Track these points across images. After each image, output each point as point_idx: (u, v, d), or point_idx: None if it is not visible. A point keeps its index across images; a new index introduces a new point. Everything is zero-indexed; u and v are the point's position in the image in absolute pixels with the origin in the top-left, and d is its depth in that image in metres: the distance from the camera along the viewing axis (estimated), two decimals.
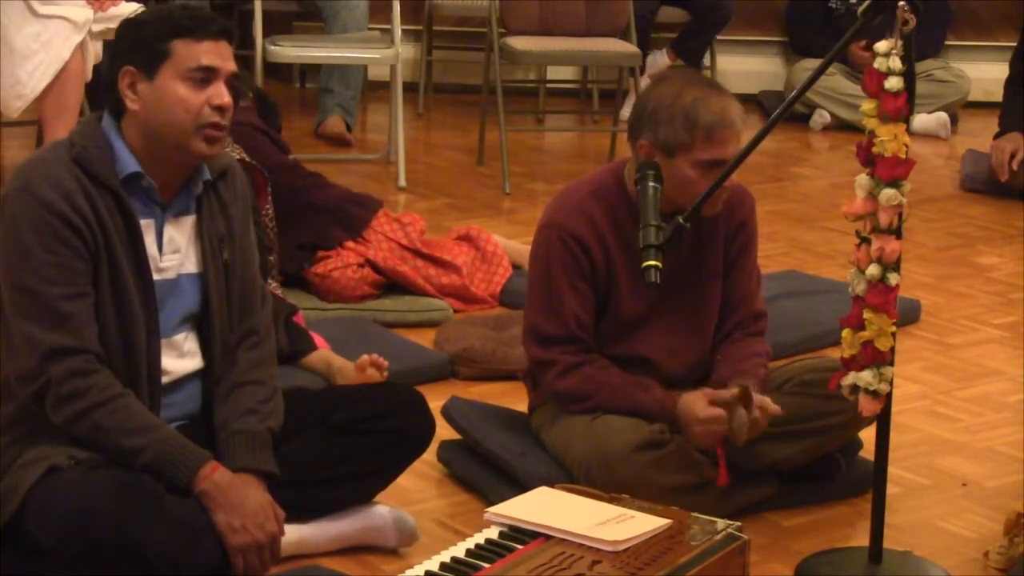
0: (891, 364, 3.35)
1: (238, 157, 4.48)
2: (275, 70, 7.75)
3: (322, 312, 4.92)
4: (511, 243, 5.41)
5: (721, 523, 3.17)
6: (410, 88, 7.69)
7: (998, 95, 7.01)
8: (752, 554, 3.20)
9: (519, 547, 3.07)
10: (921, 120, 7.73)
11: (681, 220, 3.46)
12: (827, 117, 7.86)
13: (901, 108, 3.24)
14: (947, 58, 8.28)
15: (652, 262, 3.43)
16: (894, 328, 3.32)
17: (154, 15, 3.27)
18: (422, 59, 8.02)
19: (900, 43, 3.24)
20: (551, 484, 3.40)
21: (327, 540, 3.49)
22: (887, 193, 3.27)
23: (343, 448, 3.44)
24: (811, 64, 7.54)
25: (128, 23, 3.29)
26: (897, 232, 3.31)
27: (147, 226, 3.24)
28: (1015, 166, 6.65)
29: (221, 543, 3.17)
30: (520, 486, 3.64)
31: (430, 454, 3.75)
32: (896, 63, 3.24)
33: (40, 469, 3.13)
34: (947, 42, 8.34)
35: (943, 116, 7.86)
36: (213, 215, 3.33)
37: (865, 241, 3.33)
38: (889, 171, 3.27)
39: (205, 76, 3.20)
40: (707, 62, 8.11)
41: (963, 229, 6.36)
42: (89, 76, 5.74)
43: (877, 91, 3.25)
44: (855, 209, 3.33)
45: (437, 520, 3.73)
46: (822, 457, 3.86)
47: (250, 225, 3.44)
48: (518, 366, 4.19)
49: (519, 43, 6.75)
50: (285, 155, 5.18)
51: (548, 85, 8.20)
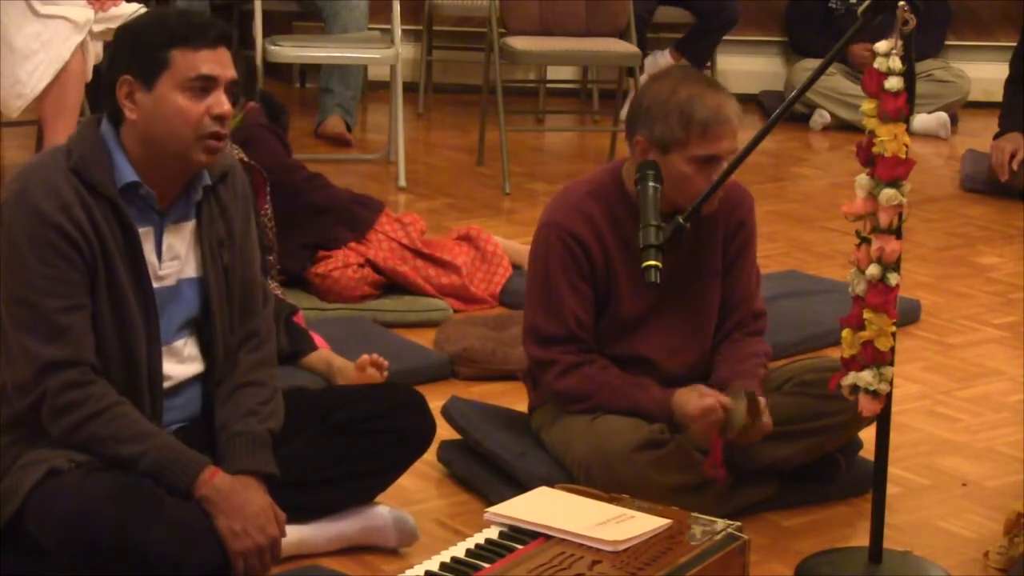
0: (891, 364, 3.35)
1: (238, 157, 4.47)
2: (275, 70, 7.75)
3: (322, 312, 4.92)
4: (511, 243, 5.42)
5: (721, 523, 3.17)
6: (410, 88, 7.69)
7: (998, 95, 7.01)
8: (752, 554, 3.20)
9: (519, 547, 3.08)
10: (921, 120, 7.73)
11: (681, 220, 3.46)
12: (827, 117, 7.86)
13: (901, 108, 3.24)
14: (947, 58, 8.28)
15: (652, 262, 3.43)
16: (894, 328, 3.32)
17: (151, 22, 3.22)
18: (422, 59, 8.02)
19: (900, 43, 3.24)
20: (551, 484, 3.40)
21: (327, 540, 3.49)
22: (887, 193, 3.27)
23: (343, 448, 3.44)
24: (811, 64, 7.54)
25: (124, 31, 3.25)
26: (897, 232, 3.31)
27: (146, 234, 3.22)
28: (1015, 166, 6.65)
29: (220, 544, 3.16)
30: (520, 486, 3.64)
31: (430, 454, 3.75)
32: (896, 63, 3.24)
33: (40, 471, 3.12)
34: (947, 42, 8.34)
35: (943, 116, 7.86)
36: (213, 219, 3.31)
37: (865, 241, 3.33)
38: (889, 171, 3.27)
39: (204, 85, 3.16)
40: (707, 62, 8.11)
41: (963, 229, 6.36)
42: (89, 76, 5.74)
43: (877, 91, 3.25)
44: (855, 209, 3.33)
45: (437, 520, 3.73)
46: (822, 457, 3.86)
47: (251, 225, 3.42)
48: (518, 366, 4.19)
49: (519, 43, 6.75)
50: (290, 155, 5.19)
51: (548, 85, 8.20)
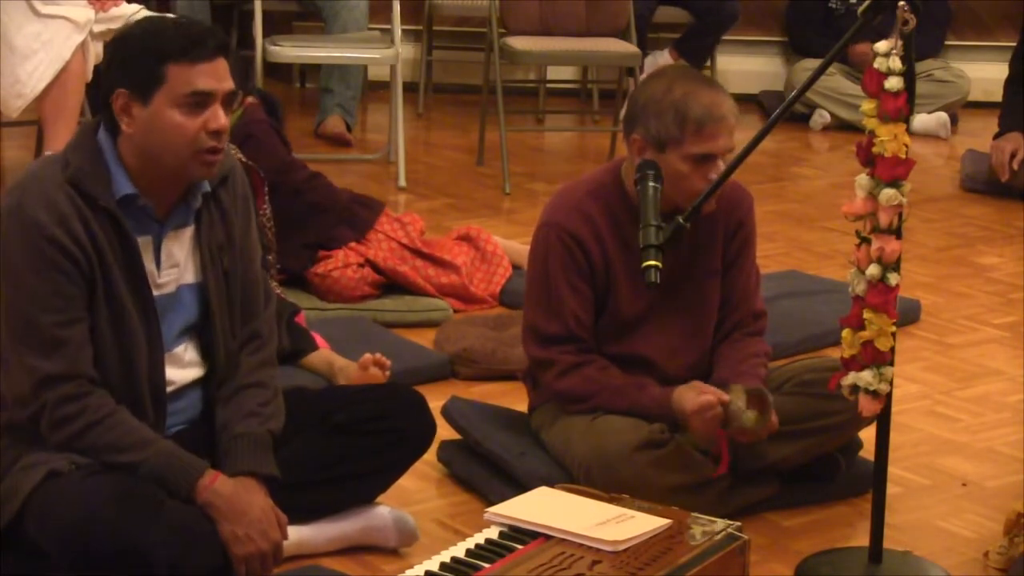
0: (891, 364, 3.35)
1: (236, 157, 4.47)
2: (275, 70, 7.75)
3: (322, 312, 4.92)
4: (511, 243, 5.42)
5: (721, 523, 3.17)
6: (410, 88, 7.68)
7: (998, 95, 7.01)
8: (752, 554, 3.20)
9: (519, 547, 3.08)
10: (921, 120, 7.73)
11: (681, 220, 3.46)
12: (827, 117, 7.86)
13: (901, 108, 3.24)
14: (947, 58, 8.28)
15: (652, 262, 3.43)
16: (894, 328, 3.32)
17: (146, 35, 3.15)
18: (422, 59, 8.02)
19: (900, 43, 3.24)
20: (551, 484, 3.40)
21: (327, 540, 3.49)
22: (887, 193, 3.28)
23: (343, 449, 3.43)
24: (811, 64, 7.54)
25: (119, 43, 3.19)
26: (897, 232, 3.31)
27: (144, 243, 3.20)
28: (1015, 166, 6.66)
29: (221, 547, 3.16)
30: (520, 486, 3.64)
31: (430, 454, 3.75)
32: (896, 63, 3.24)
33: (40, 473, 3.12)
34: (947, 42, 8.34)
35: (943, 116, 7.86)
36: (213, 224, 3.29)
37: (865, 241, 3.33)
38: (889, 171, 3.27)
39: (201, 101, 3.12)
40: (707, 62, 8.11)
41: (963, 229, 6.36)
42: (90, 76, 5.74)
43: (877, 91, 3.25)
44: (855, 209, 3.33)
45: (437, 520, 3.73)
46: (822, 457, 3.86)
47: (251, 225, 3.40)
48: (518, 366, 4.19)
49: (519, 43, 6.75)
50: (290, 153, 5.19)
51: (548, 85, 8.19)
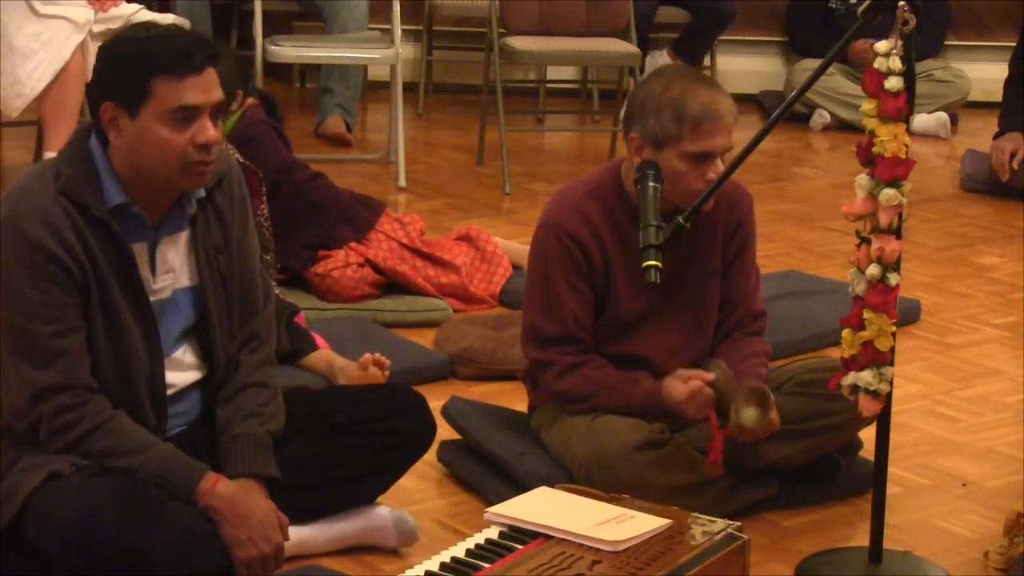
0: (891, 364, 3.35)
1: (234, 157, 4.47)
2: (275, 70, 7.74)
3: (322, 312, 4.92)
4: (510, 243, 5.42)
5: (721, 523, 3.17)
6: (410, 88, 7.68)
7: (998, 95, 7.01)
8: (752, 554, 3.20)
9: (519, 547, 3.07)
10: (921, 120, 7.73)
11: (681, 220, 3.46)
12: (827, 117, 7.86)
13: (901, 108, 3.24)
14: (947, 58, 8.28)
15: (652, 262, 3.43)
16: (894, 328, 3.32)
17: (133, 48, 3.12)
18: (422, 59, 8.02)
19: (900, 43, 3.24)
20: (551, 484, 3.40)
21: (327, 540, 3.48)
22: (887, 193, 3.27)
23: (344, 450, 3.43)
24: (811, 64, 7.54)
25: (106, 56, 3.17)
26: (897, 232, 3.31)
27: (139, 250, 3.19)
28: (1015, 166, 6.66)
29: (222, 548, 3.15)
30: (520, 486, 3.64)
31: (430, 454, 3.75)
32: (896, 63, 3.24)
33: (40, 475, 3.12)
34: (947, 42, 8.34)
35: (943, 116, 7.86)
36: (208, 226, 3.28)
37: (865, 241, 3.33)
38: (889, 171, 3.27)
39: (188, 115, 3.10)
40: (707, 62, 8.11)
41: (963, 229, 6.36)
42: (89, 76, 5.68)
43: (877, 91, 3.25)
44: (855, 209, 3.33)
45: (437, 520, 3.73)
46: (822, 457, 3.86)
47: (249, 225, 3.39)
48: (518, 366, 4.19)
49: (519, 43, 6.75)
50: (291, 152, 5.19)
51: (548, 85, 8.19)
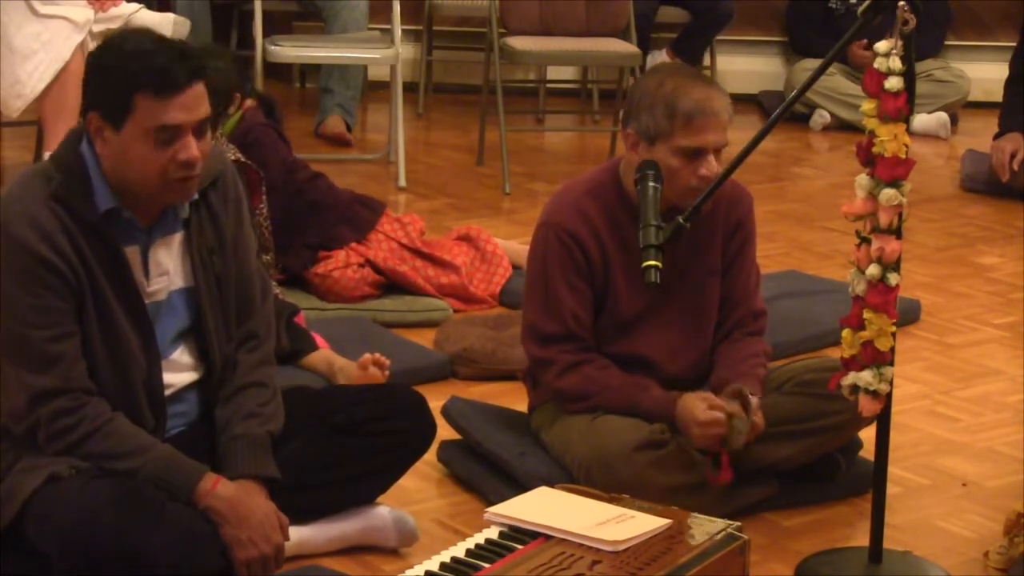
0: (891, 364, 3.35)
1: (233, 158, 4.47)
2: (275, 70, 7.74)
3: (322, 312, 4.92)
4: (510, 243, 5.41)
5: (721, 523, 3.17)
6: (410, 88, 7.68)
7: (998, 95, 7.01)
8: (752, 554, 3.20)
9: (519, 547, 3.07)
10: (921, 120, 7.73)
11: (681, 220, 3.46)
12: (827, 117, 7.86)
13: (901, 108, 3.24)
14: (947, 58, 8.28)
15: (652, 262, 3.43)
16: (894, 328, 3.32)
17: (118, 62, 3.10)
18: (422, 59, 8.02)
19: (900, 43, 3.24)
20: (551, 484, 3.40)
21: (327, 540, 3.48)
22: (887, 193, 3.27)
23: (344, 450, 3.43)
24: (811, 64, 7.54)
25: (92, 67, 3.16)
26: (897, 232, 3.31)
27: (132, 253, 3.19)
28: (1015, 166, 6.66)
29: (222, 549, 3.15)
30: (520, 486, 3.64)
31: (430, 454, 3.75)
32: (896, 63, 3.24)
33: (40, 477, 3.12)
34: (947, 42, 8.34)
35: (943, 116, 7.86)
36: (202, 227, 3.28)
37: (865, 241, 3.33)
38: (889, 171, 3.27)
39: (170, 135, 3.08)
40: (707, 62, 8.11)
41: (963, 229, 6.36)
42: None
43: (877, 91, 3.25)
44: (855, 209, 3.33)
45: (437, 520, 3.73)
46: (822, 457, 3.86)
47: (244, 225, 3.38)
48: (518, 366, 4.19)
49: (519, 43, 6.75)
50: (291, 153, 5.19)
51: (548, 85, 8.19)
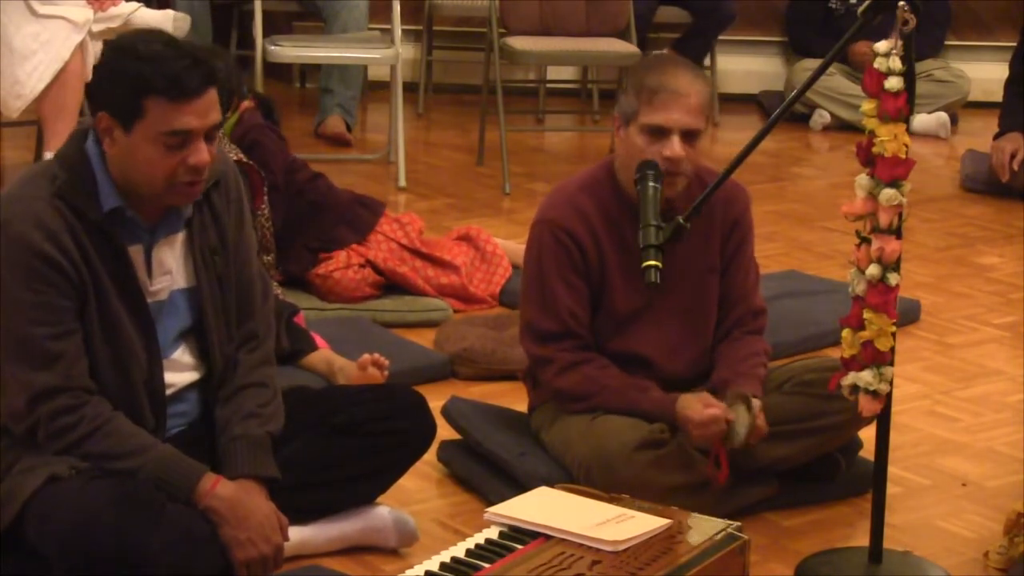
0: (891, 364, 3.35)
1: (235, 159, 4.47)
2: (275, 70, 7.74)
3: (322, 312, 4.92)
4: (510, 243, 5.41)
5: (721, 523, 3.17)
6: (410, 88, 7.68)
7: (998, 95, 7.01)
8: (752, 554, 3.20)
9: (519, 547, 3.07)
10: (921, 120, 7.73)
11: (681, 220, 3.46)
12: (827, 117, 7.86)
13: (901, 108, 3.24)
14: (947, 58, 8.28)
15: (652, 262, 3.43)
16: (894, 328, 3.32)
17: (132, 62, 3.09)
18: (422, 59, 8.02)
19: (900, 43, 3.24)
20: (551, 484, 3.40)
21: (327, 541, 3.48)
22: (887, 193, 3.27)
23: (344, 450, 3.43)
24: (811, 64, 7.54)
25: (105, 67, 3.15)
26: (897, 232, 3.31)
27: (135, 252, 3.19)
28: (1015, 166, 6.66)
29: (222, 550, 3.15)
30: (520, 486, 3.64)
31: (430, 454, 3.75)
32: (896, 63, 3.24)
33: (40, 477, 3.11)
34: (947, 42, 8.34)
35: (943, 116, 7.86)
36: (204, 228, 3.28)
37: (865, 241, 3.33)
38: (889, 171, 3.27)
39: (180, 141, 3.08)
40: (707, 62, 8.11)
41: (963, 229, 6.36)
42: (89, 76, 5.68)
43: (877, 91, 3.25)
44: (855, 209, 3.33)
45: (437, 520, 3.73)
46: (822, 457, 3.86)
47: (245, 225, 3.39)
48: (518, 366, 4.19)
49: (519, 43, 6.75)
50: (289, 153, 5.19)
51: (548, 85, 8.19)
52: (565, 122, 8.15)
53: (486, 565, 3.01)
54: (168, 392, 3.27)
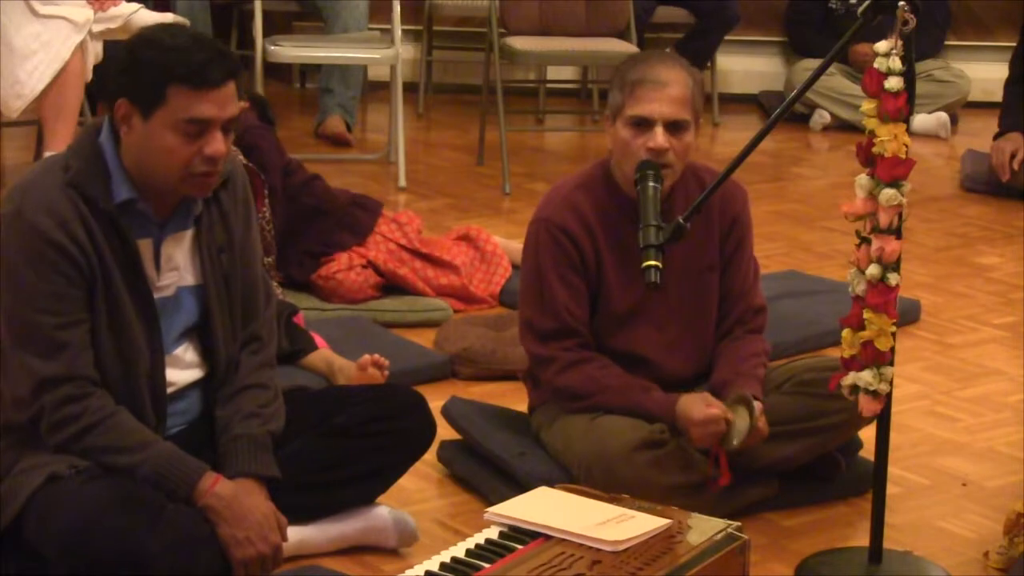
0: (891, 364, 3.35)
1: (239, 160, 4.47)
2: (275, 70, 7.75)
3: (322, 312, 4.92)
4: (510, 243, 5.41)
5: (721, 523, 3.17)
6: (410, 88, 7.68)
7: (998, 95, 7.01)
8: (752, 554, 3.19)
9: (519, 547, 3.07)
10: (921, 120, 7.73)
11: (681, 220, 3.47)
12: (827, 117, 7.86)
13: (901, 108, 3.24)
14: (947, 58, 8.28)
15: (652, 262, 3.43)
16: (894, 328, 3.32)
17: (154, 52, 3.10)
18: (422, 59, 8.02)
19: (900, 43, 3.24)
20: (551, 484, 3.40)
21: (327, 541, 3.48)
22: (887, 193, 3.27)
23: (344, 451, 3.43)
24: (811, 64, 7.54)
25: (127, 53, 3.15)
26: (897, 232, 3.31)
27: (144, 246, 3.20)
28: (1015, 166, 6.66)
29: (222, 551, 3.16)
30: (520, 486, 3.64)
31: (430, 454, 3.75)
32: (896, 63, 3.24)
33: (40, 477, 3.12)
34: (947, 42, 8.34)
35: (943, 116, 7.86)
36: (212, 226, 3.29)
37: (865, 241, 3.33)
38: (889, 171, 3.27)
39: (199, 129, 3.10)
40: (707, 62, 8.10)
41: (963, 229, 6.36)
42: (89, 76, 5.74)
43: (877, 91, 3.25)
44: (855, 209, 3.33)
45: (437, 520, 3.73)
46: (822, 457, 3.85)
47: (252, 227, 3.40)
48: (518, 366, 4.19)
49: (519, 43, 6.75)
50: (285, 155, 5.19)
51: (548, 85, 8.19)
52: (565, 122, 8.15)
53: (486, 565, 3.01)
54: (169, 390, 3.27)
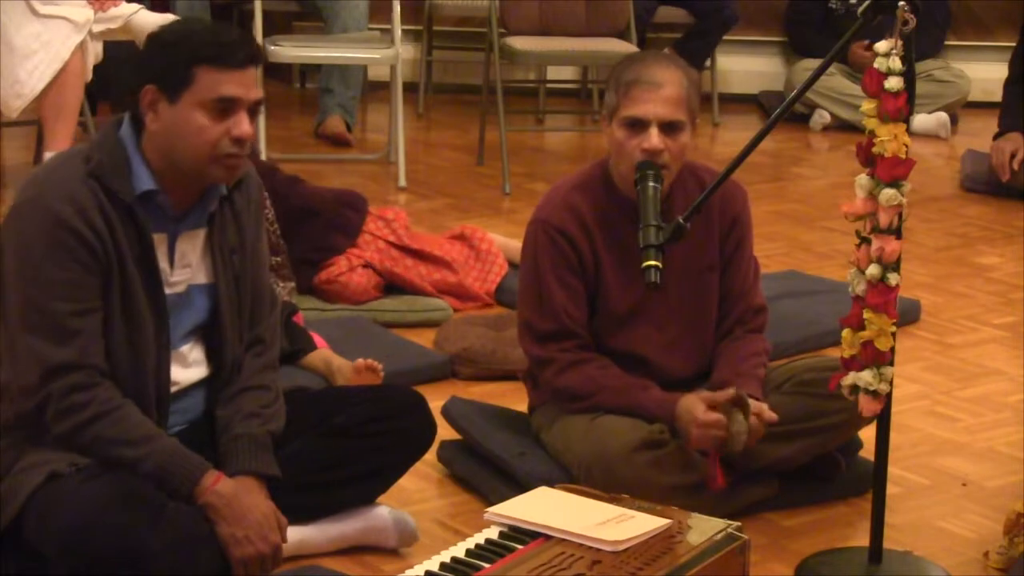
0: (891, 364, 3.35)
1: None
2: (275, 70, 7.75)
3: (322, 312, 4.92)
4: (509, 242, 5.41)
5: (721, 523, 3.17)
6: (410, 88, 7.69)
7: (998, 95, 7.01)
8: (752, 554, 3.19)
9: (519, 547, 3.07)
10: (921, 120, 7.73)
11: (681, 220, 3.47)
12: (827, 117, 7.86)
13: (901, 108, 3.24)
14: (947, 58, 8.28)
15: (652, 262, 3.43)
16: (894, 328, 3.32)
17: (181, 35, 3.17)
18: (422, 59, 8.03)
19: (900, 43, 3.24)
20: (551, 484, 3.40)
21: (327, 541, 3.48)
22: (887, 193, 3.28)
23: (344, 451, 3.43)
24: (811, 64, 7.55)
25: (154, 40, 3.21)
26: (897, 232, 3.31)
27: (159, 240, 3.21)
28: (1015, 166, 6.66)
29: (221, 551, 3.16)
30: (520, 486, 3.64)
31: (430, 454, 3.75)
32: (896, 63, 3.24)
33: (40, 475, 3.11)
34: (947, 42, 8.34)
35: (943, 116, 7.86)
36: (225, 226, 3.31)
37: (865, 241, 3.33)
38: (889, 171, 3.27)
39: (226, 107, 3.13)
40: (707, 62, 8.11)
41: (963, 229, 6.36)
42: (89, 76, 5.75)
43: (877, 91, 3.25)
44: (855, 209, 3.33)
45: (437, 520, 3.73)
46: (822, 457, 3.85)
47: (262, 231, 3.42)
48: (518, 366, 4.19)
49: (519, 43, 6.76)
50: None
51: (548, 85, 8.20)
52: (565, 122, 8.15)
53: (486, 565, 3.01)
54: (174, 389, 3.28)
